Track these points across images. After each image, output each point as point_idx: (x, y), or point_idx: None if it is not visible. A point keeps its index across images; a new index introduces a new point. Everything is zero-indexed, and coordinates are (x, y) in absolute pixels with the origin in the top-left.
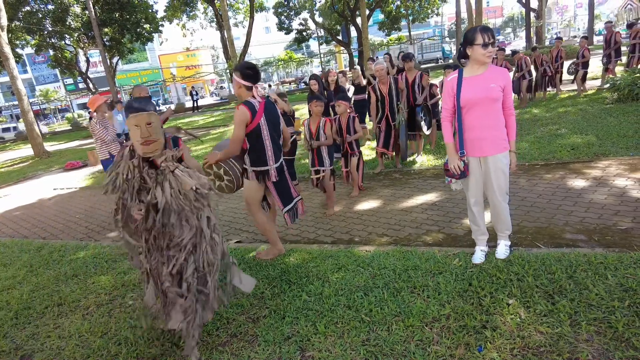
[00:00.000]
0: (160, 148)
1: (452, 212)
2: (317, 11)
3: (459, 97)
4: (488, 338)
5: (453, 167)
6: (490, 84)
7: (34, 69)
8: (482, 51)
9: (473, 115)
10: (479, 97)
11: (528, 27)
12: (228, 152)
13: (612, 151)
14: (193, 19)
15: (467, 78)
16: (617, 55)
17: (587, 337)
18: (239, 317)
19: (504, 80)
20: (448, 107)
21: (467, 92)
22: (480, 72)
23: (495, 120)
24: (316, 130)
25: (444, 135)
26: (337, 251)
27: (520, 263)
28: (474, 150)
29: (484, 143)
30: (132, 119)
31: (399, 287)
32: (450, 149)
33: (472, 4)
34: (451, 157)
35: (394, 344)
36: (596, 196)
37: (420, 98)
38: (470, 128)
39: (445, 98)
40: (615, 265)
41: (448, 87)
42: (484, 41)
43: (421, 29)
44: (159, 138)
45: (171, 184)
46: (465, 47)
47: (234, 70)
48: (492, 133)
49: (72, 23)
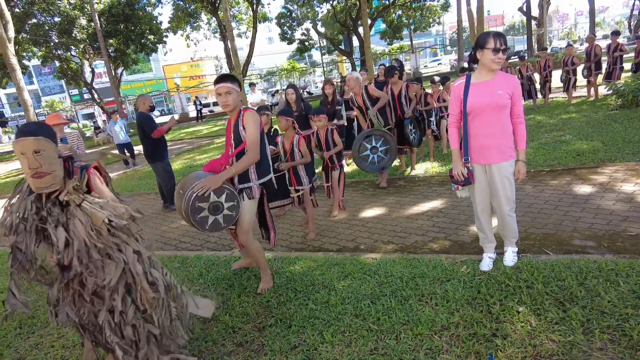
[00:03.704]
0: (57, 182)
1: (459, 219)
2: (320, 21)
3: (465, 103)
4: (499, 346)
5: (457, 174)
6: (497, 91)
7: (40, 80)
8: (492, 56)
9: (479, 121)
10: (485, 104)
11: (529, 35)
12: (250, 159)
13: (618, 157)
14: (197, 30)
15: (474, 84)
16: (597, 68)
17: (601, 345)
18: (245, 326)
19: (512, 87)
20: (455, 113)
21: (473, 97)
22: (489, 78)
23: (502, 127)
24: (290, 147)
25: (450, 141)
26: (343, 259)
27: (529, 270)
28: (479, 158)
29: (489, 151)
30: (16, 145)
31: (407, 295)
32: (455, 156)
33: (473, 13)
34: (456, 164)
35: (403, 352)
36: (604, 202)
37: (408, 110)
38: (475, 135)
39: (452, 103)
40: (626, 271)
41: (455, 92)
42: (495, 46)
43: (423, 38)
44: (53, 170)
45: (81, 221)
46: (476, 51)
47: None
48: (498, 141)
49: (78, 35)
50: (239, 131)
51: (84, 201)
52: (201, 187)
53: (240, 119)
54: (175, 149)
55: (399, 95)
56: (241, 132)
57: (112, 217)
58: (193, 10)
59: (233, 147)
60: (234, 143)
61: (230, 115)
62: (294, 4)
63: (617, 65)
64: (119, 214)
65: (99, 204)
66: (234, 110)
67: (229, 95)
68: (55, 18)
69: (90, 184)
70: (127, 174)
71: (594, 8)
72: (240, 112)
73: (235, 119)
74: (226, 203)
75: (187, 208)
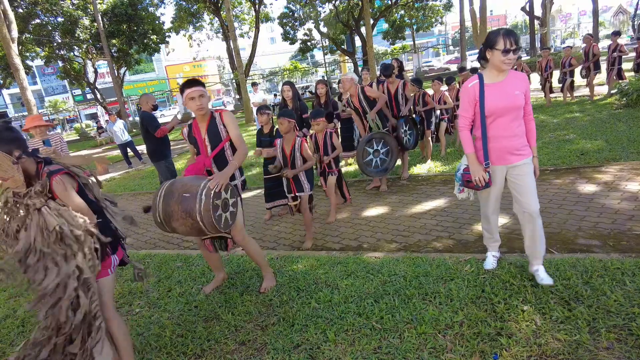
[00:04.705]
0: (19, 185)
1: (462, 217)
2: (322, 21)
3: (482, 106)
4: (503, 345)
5: (478, 179)
6: (514, 92)
7: (43, 81)
8: (502, 57)
9: (498, 124)
10: (504, 107)
11: (532, 35)
12: (244, 153)
13: (622, 156)
14: (199, 30)
15: (489, 85)
16: (596, 68)
17: (607, 344)
18: (247, 325)
19: (525, 86)
20: (468, 116)
21: (492, 100)
22: (502, 78)
23: (520, 127)
24: (291, 152)
25: (464, 146)
26: (346, 258)
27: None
28: (500, 160)
29: (510, 151)
30: None
31: (410, 294)
32: (473, 160)
33: (476, 13)
34: (475, 169)
35: (407, 352)
36: (608, 201)
37: (404, 109)
38: (496, 137)
39: (465, 106)
40: (632, 270)
41: (470, 94)
42: (505, 46)
43: (425, 38)
44: (10, 176)
45: (36, 224)
46: (485, 50)
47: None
48: (518, 140)
49: (81, 35)
50: (219, 131)
51: (43, 206)
52: (216, 183)
53: (218, 120)
54: (177, 149)
55: (395, 93)
56: (221, 132)
57: (65, 226)
58: (195, 10)
59: (209, 148)
60: (210, 144)
61: (199, 119)
62: (297, 4)
63: (616, 66)
64: (76, 224)
65: (57, 210)
66: (206, 114)
67: (203, 99)
68: (58, 18)
69: (53, 191)
70: (129, 174)
71: (598, 8)
72: (213, 114)
73: (209, 121)
74: (231, 199)
75: (204, 208)
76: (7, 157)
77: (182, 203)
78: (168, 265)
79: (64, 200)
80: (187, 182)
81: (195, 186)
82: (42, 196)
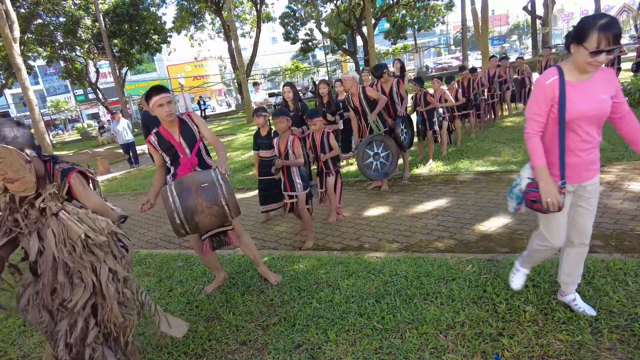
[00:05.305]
0: (29, 187)
1: (464, 218)
2: (323, 21)
3: (563, 110)
4: (505, 346)
5: (553, 203)
6: (602, 95)
7: (45, 81)
8: (589, 59)
9: (579, 133)
10: (591, 112)
11: (534, 34)
12: (222, 144)
13: (625, 156)
14: (201, 30)
15: (572, 83)
16: None
17: (609, 345)
18: (248, 325)
19: (614, 87)
20: (541, 120)
21: (577, 103)
22: (588, 77)
23: (600, 136)
24: (285, 149)
25: (533, 157)
26: (347, 258)
27: (536, 269)
28: (573, 177)
29: (586, 167)
30: None
31: (412, 294)
32: (546, 177)
33: (477, 12)
34: (549, 189)
35: (408, 352)
36: (611, 201)
37: (400, 108)
38: (574, 150)
39: (539, 106)
40: (635, 271)
41: (547, 92)
42: (597, 46)
43: (426, 38)
44: (21, 177)
45: (55, 232)
46: (572, 41)
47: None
48: (594, 154)
49: (83, 35)
50: (193, 132)
51: (61, 210)
52: (225, 169)
53: (190, 122)
54: None
55: (390, 92)
56: (195, 133)
57: (90, 233)
58: (197, 10)
59: (188, 149)
60: (187, 146)
61: (167, 125)
62: (298, 4)
63: (615, 66)
64: (99, 229)
65: (77, 215)
66: (174, 120)
67: (171, 105)
68: (60, 18)
69: (72, 190)
70: (131, 173)
71: (600, 7)
72: (182, 118)
73: (179, 125)
74: None
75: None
76: (20, 155)
77: (204, 193)
78: (169, 265)
79: (83, 200)
80: (193, 177)
81: (205, 176)
82: (59, 199)
